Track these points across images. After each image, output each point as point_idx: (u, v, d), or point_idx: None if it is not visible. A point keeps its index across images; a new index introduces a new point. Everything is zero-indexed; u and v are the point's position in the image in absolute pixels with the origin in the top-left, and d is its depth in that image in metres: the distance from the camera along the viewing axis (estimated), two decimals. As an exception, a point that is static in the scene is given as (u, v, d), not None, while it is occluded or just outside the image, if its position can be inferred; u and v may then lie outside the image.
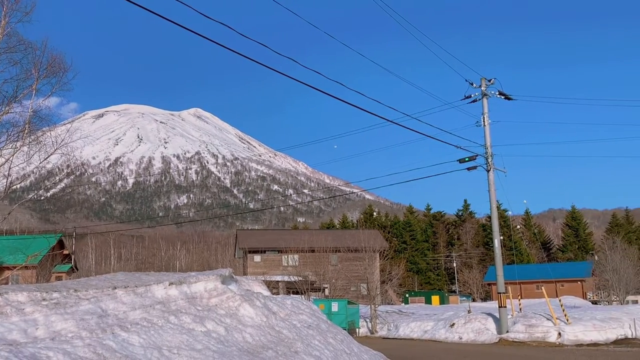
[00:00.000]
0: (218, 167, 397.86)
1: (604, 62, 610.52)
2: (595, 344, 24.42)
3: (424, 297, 65.08)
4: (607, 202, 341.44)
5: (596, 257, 65.18)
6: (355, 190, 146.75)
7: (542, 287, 33.89)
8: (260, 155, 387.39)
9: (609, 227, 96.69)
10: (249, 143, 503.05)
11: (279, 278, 54.37)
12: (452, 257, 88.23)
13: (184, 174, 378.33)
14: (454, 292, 79.95)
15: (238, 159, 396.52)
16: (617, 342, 25.16)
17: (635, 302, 46.29)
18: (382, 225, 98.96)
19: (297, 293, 39.43)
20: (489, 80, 28.07)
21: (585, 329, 25.75)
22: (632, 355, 20.31)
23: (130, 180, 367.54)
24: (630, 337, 26.57)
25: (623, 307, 35.60)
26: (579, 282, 68.52)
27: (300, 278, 43.72)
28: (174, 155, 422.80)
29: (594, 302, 57.82)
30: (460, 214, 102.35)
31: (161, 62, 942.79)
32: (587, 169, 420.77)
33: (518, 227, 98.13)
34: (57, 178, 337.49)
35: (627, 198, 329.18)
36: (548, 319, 26.51)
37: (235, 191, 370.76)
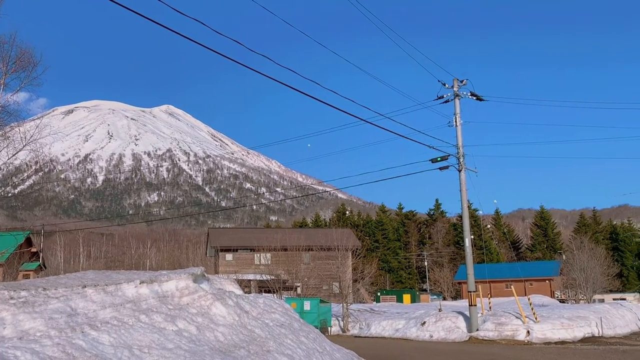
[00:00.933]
0: (190, 165, 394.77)
1: (577, 65, 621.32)
2: (563, 342, 24.84)
3: (395, 296, 65.46)
4: (575, 203, 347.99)
5: (564, 257, 66.25)
6: (328, 189, 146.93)
7: (512, 286, 34.34)
8: (232, 153, 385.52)
9: (577, 227, 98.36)
10: (221, 141, 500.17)
11: (251, 277, 54.16)
12: (423, 256, 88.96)
13: (155, 171, 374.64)
14: (425, 290, 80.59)
15: (210, 156, 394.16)
16: (584, 340, 25.63)
17: (602, 301, 47.19)
18: (354, 224, 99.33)
19: (269, 292, 39.33)
20: (461, 81, 28.33)
21: (553, 327, 26.18)
22: (598, 353, 20.70)
23: (100, 178, 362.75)
24: (597, 335, 27.09)
25: (590, 305, 36.28)
26: (547, 281, 69.64)
27: (273, 277, 43.57)
28: (144, 153, 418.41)
29: (562, 301, 58.81)
30: (431, 213, 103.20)
31: (133, 58, 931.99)
32: (555, 170, 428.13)
33: (488, 226, 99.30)
34: (26, 174, 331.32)
35: (594, 198, 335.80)
36: (517, 318, 26.89)
37: (207, 189, 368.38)
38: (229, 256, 64.54)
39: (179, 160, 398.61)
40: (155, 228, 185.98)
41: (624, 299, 50.31)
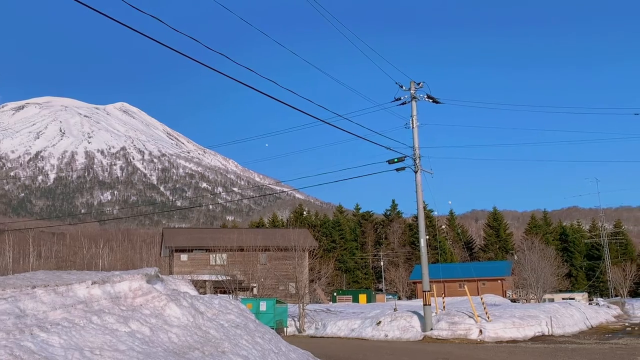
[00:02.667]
0: (144, 164, 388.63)
1: (529, 67, 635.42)
2: (514, 341, 25.37)
3: (351, 296, 65.79)
4: (527, 204, 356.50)
5: (515, 257, 67.68)
6: (285, 189, 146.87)
7: (465, 286, 34.97)
8: (188, 152, 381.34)
9: (528, 228, 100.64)
10: (177, 139, 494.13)
11: (206, 277, 53.69)
12: (379, 256, 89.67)
13: (109, 169, 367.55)
14: (381, 290, 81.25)
15: (165, 155, 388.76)
16: (534, 338, 26.24)
17: (552, 300, 48.34)
18: (312, 224, 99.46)
19: (225, 292, 39.02)
20: (418, 84, 28.69)
21: (505, 326, 26.73)
22: (548, 352, 21.20)
23: (52, 176, 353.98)
24: (546, 334, 27.78)
25: (540, 305, 37.17)
26: (499, 281, 71.07)
27: (229, 277, 43.24)
28: (98, 151, 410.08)
29: (513, 300, 60.08)
30: (388, 213, 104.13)
31: (86, 54, 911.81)
32: (508, 172, 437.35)
33: (443, 227, 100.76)
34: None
35: (545, 200, 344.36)
36: (470, 317, 27.35)
37: (162, 188, 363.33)
38: (184, 256, 63.84)
39: (134, 159, 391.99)
40: (108, 228, 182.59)
41: (573, 299, 51.71)
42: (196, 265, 62.15)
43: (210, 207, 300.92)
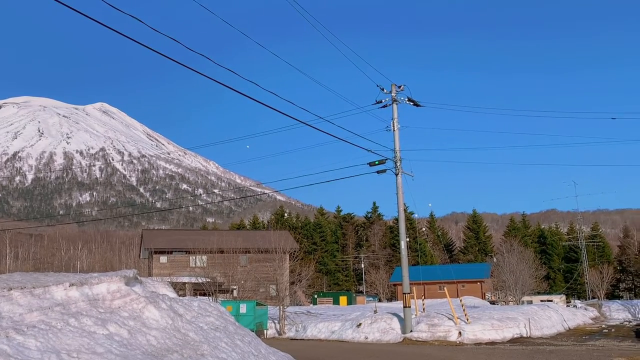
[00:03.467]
0: (124, 165, 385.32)
1: (516, 73, 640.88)
2: (493, 343, 25.57)
3: (332, 298, 65.77)
4: (506, 207, 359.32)
5: (495, 259, 68.18)
6: (266, 191, 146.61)
7: (445, 288, 35.13)
8: (169, 153, 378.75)
9: (507, 230, 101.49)
10: (157, 140, 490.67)
11: (186, 279, 53.35)
12: (360, 258, 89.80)
13: (88, 170, 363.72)
14: (361, 292, 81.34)
15: (145, 156, 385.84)
16: (513, 340, 26.46)
17: (530, 302, 48.86)
18: (293, 226, 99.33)
19: (204, 295, 38.80)
20: (399, 87, 28.81)
21: (484, 328, 26.92)
22: (526, 353, 21.39)
23: (30, 176, 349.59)
24: (525, 335, 28.03)
25: (519, 307, 37.51)
26: (478, 283, 71.55)
27: (209, 279, 43.01)
28: (77, 151, 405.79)
29: (492, 302, 60.50)
30: (369, 216, 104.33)
31: (66, 54, 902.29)
32: (488, 175, 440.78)
33: (423, 229, 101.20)
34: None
35: (524, 203, 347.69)
36: (450, 319, 27.50)
37: (141, 190, 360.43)
38: (163, 258, 63.40)
39: (113, 160, 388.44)
40: (86, 229, 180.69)
41: (551, 301, 52.28)
42: (176, 267, 61.75)
43: (191, 208, 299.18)
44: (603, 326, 39.66)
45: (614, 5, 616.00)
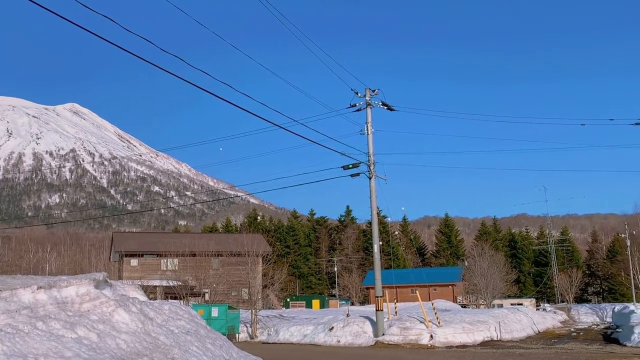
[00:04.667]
0: (94, 166, 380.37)
1: (488, 80, 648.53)
2: (464, 346, 25.77)
3: (304, 302, 65.73)
4: (477, 211, 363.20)
5: (466, 263, 68.84)
6: (239, 194, 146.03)
7: (417, 291, 35.39)
8: (140, 155, 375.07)
9: (479, 234, 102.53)
10: (128, 142, 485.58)
11: (157, 283, 52.85)
12: (333, 262, 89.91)
13: (57, 172, 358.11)
14: (334, 296, 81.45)
15: (116, 158, 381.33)
16: (483, 343, 26.71)
17: (501, 306, 49.40)
18: (266, 229, 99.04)
19: (176, 298, 38.45)
20: (373, 91, 28.94)
21: (455, 331, 27.13)
22: (497, 356, 21.61)
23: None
24: (495, 339, 28.32)
25: (490, 310, 37.91)
26: (450, 287, 72.11)
27: (180, 283, 42.66)
28: (46, 152, 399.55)
29: (464, 306, 61.04)
30: (342, 219, 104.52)
31: (36, 53, 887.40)
32: (459, 179, 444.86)
33: (396, 233, 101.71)
34: None
35: (495, 208, 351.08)
36: (421, 322, 27.66)
37: (112, 192, 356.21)
38: (134, 261, 62.73)
39: (83, 161, 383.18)
40: (55, 231, 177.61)
41: (521, 304, 52.95)
42: (147, 270, 61.12)
43: (162, 211, 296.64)
44: (572, 329, 40.26)
45: (582, 17, 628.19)
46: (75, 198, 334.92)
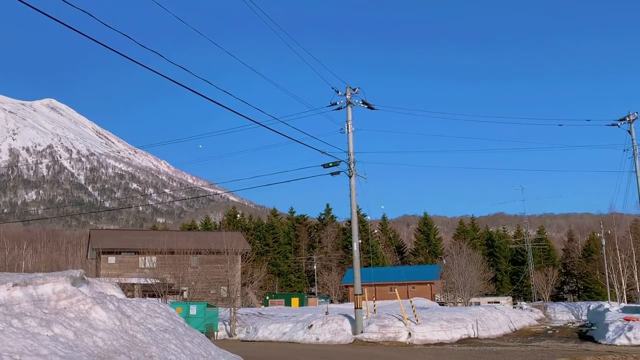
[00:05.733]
0: (72, 163, 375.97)
1: (467, 80, 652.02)
2: (441, 343, 25.97)
3: (284, 300, 65.67)
4: (456, 210, 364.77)
5: (444, 261, 69.35)
6: (219, 192, 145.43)
7: (395, 289, 35.53)
8: (119, 152, 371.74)
9: (457, 233, 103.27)
10: (106, 138, 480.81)
11: (135, 280, 52.46)
12: (313, 260, 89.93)
13: (34, 168, 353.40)
14: (313, 294, 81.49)
15: (94, 154, 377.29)
16: (461, 341, 26.94)
17: (478, 304, 49.83)
18: (245, 227, 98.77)
19: (154, 296, 38.19)
20: (354, 90, 29.00)
21: (433, 329, 27.32)
22: (474, 354, 21.80)
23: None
24: (472, 336, 28.58)
25: (467, 308, 38.24)
26: (428, 285, 72.58)
27: (158, 280, 42.35)
28: (23, 148, 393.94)
29: (441, 304, 61.47)
30: (322, 217, 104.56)
31: (12, 47, 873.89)
32: (439, 178, 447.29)
33: (375, 231, 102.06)
34: None
35: (473, 206, 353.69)
36: (400, 320, 27.80)
37: (90, 188, 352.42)
38: (111, 259, 62.19)
39: (61, 158, 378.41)
40: (32, 228, 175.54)
41: (498, 302, 53.44)
42: (124, 268, 60.63)
43: (140, 208, 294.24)
44: (548, 327, 40.79)
45: (565, 18, 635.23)
46: (52, 195, 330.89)
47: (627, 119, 31.02)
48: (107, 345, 10.00)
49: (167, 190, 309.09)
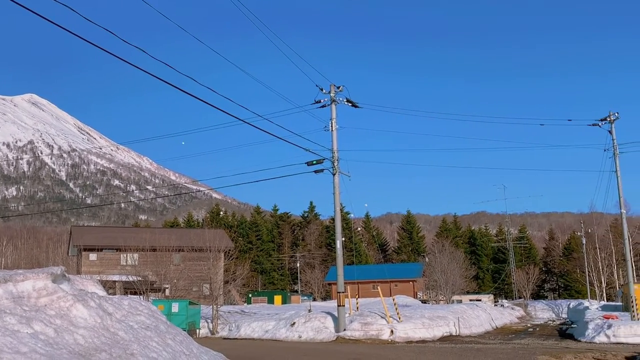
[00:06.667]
0: (53, 159, 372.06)
1: (452, 78, 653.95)
2: (423, 341, 26.11)
3: (266, 297, 65.63)
4: (438, 208, 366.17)
5: (427, 259, 69.71)
6: (202, 189, 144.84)
7: (378, 287, 35.63)
8: (100, 148, 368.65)
9: (439, 231, 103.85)
10: (88, 134, 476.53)
11: (116, 278, 52.12)
12: (296, 258, 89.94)
13: (14, 164, 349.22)
14: (296, 291, 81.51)
15: (76, 150, 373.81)
16: (442, 339, 27.11)
17: (460, 301, 50.16)
18: (228, 225, 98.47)
19: (136, 293, 37.95)
20: (338, 88, 29.02)
21: (415, 326, 27.45)
22: (455, 351, 21.94)
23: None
24: (454, 334, 28.77)
25: (449, 306, 38.46)
26: (411, 282, 72.91)
27: (140, 278, 42.11)
28: (3, 144, 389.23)
29: (424, 301, 61.84)
30: (305, 215, 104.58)
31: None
32: (421, 176, 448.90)
33: (359, 229, 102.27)
34: None
35: (455, 205, 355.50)
36: (382, 318, 27.90)
37: (71, 185, 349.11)
38: (92, 256, 61.72)
39: (42, 153, 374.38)
40: (12, 224, 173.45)
41: (480, 300, 53.84)
42: (106, 265, 60.22)
43: (122, 205, 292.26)
44: (528, 325, 41.19)
45: (547, 17, 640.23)
46: (33, 191, 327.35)
47: (608, 119, 31.35)
48: (88, 343, 9.92)
49: (149, 187, 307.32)
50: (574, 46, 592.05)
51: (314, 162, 27.79)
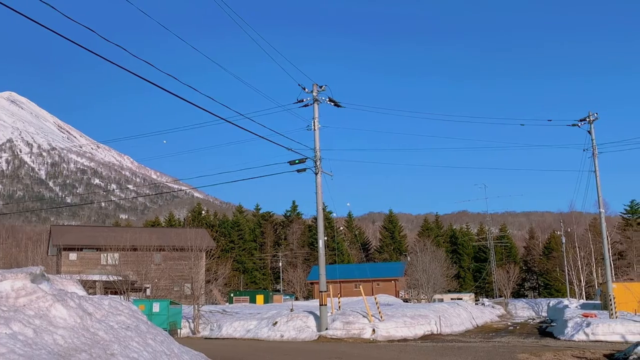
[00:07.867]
0: (32, 157, 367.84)
1: (433, 77, 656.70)
2: (405, 340, 26.22)
3: (248, 297, 65.48)
4: (420, 208, 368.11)
5: (409, 258, 70.02)
6: (183, 188, 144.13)
7: (360, 286, 35.70)
8: (81, 147, 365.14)
9: (421, 230, 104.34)
10: (68, 132, 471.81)
11: (96, 277, 51.69)
12: (278, 257, 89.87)
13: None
14: (279, 291, 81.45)
15: (56, 149, 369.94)
16: (424, 337, 27.24)
17: (441, 300, 50.43)
18: (210, 224, 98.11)
19: (116, 293, 37.66)
20: (321, 87, 29.02)
21: (397, 325, 27.56)
22: (436, 349, 22.06)
23: None
24: (435, 332, 28.92)
25: (430, 305, 38.65)
26: (393, 281, 73.22)
27: (120, 278, 41.77)
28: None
29: (406, 300, 62.10)
30: (288, 214, 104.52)
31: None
32: (403, 176, 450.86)
33: (341, 228, 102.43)
34: None
35: (437, 204, 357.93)
36: (364, 317, 27.97)
37: (51, 184, 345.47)
38: (72, 255, 61.14)
39: (21, 152, 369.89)
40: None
41: (461, 299, 54.18)
42: (86, 264, 59.69)
43: (103, 204, 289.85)
44: (509, 324, 41.54)
45: (530, 17, 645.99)
46: (12, 190, 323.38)
47: (587, 119, 31.68)
48: (67, 343, 9.83)
49: (130, 186, 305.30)
50: (556, 47, 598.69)
51: (297, 161, 27.78)
